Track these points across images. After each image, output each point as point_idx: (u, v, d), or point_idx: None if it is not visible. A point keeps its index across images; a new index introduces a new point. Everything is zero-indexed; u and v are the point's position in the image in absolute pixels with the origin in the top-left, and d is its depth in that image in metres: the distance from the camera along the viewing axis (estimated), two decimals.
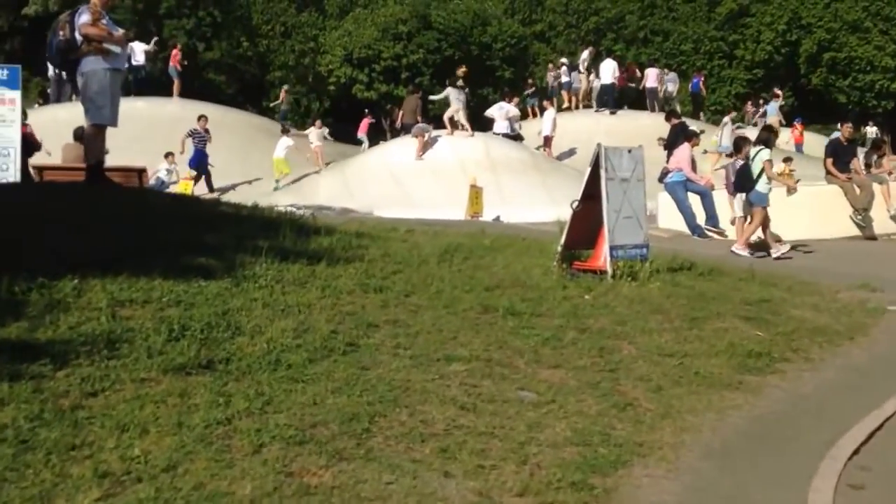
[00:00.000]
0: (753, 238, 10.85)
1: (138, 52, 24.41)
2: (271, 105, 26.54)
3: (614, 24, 38.57)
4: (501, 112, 21.71)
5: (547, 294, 6.20)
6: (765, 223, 10.73)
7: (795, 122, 28.56)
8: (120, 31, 7.46)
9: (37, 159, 13.71)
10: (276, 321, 4.72)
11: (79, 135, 12.47)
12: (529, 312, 5.63)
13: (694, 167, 13.00)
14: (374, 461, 3.41)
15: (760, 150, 10.76)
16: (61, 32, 7.15)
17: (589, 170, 6.90)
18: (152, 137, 19.62)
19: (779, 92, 30.01)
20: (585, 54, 28.09)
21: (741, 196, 11.16)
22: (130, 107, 21.89)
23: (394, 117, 26.96)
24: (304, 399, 3.86)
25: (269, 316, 4.78)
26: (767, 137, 11.29)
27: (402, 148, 19.76)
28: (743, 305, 6.56)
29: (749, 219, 10.82)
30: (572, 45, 37.42)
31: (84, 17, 7.15)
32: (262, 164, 21.06)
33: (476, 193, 15.02)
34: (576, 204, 6.90)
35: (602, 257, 6.75)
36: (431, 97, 23.85)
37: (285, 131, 22.54)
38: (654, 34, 38.80)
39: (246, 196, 16.03)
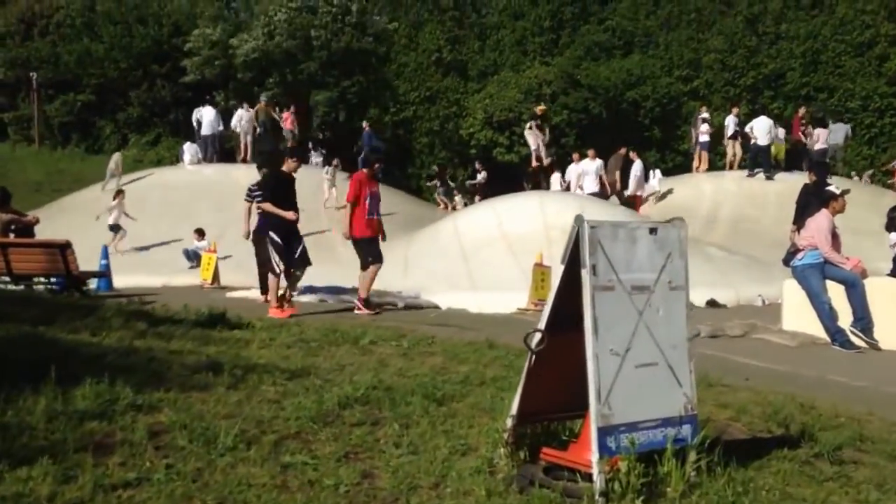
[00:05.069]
0: None
1: (206, 120, 22.65)
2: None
3: (773, 80, 34.72)
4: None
5: None
6: None
7: None
8: None
9: None
10: None
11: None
12: None
13: (836, 243, 9.16)
14: None
15: None
16: None
17: (562, 269, 3.51)
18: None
19: None
20: (730, 119, 23.83)
21: None
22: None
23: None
24: None
25: None
26: None
27: (478, 215, 16.69)
28: None
29: None
30: (728, 104, 34.02)
31: None
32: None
33: (542, 275, 11.57)
34: (536, 340, 3.51)
35: (591, 448, 3.32)
36: None
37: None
38: (817, 90, 34.60)
39: None
